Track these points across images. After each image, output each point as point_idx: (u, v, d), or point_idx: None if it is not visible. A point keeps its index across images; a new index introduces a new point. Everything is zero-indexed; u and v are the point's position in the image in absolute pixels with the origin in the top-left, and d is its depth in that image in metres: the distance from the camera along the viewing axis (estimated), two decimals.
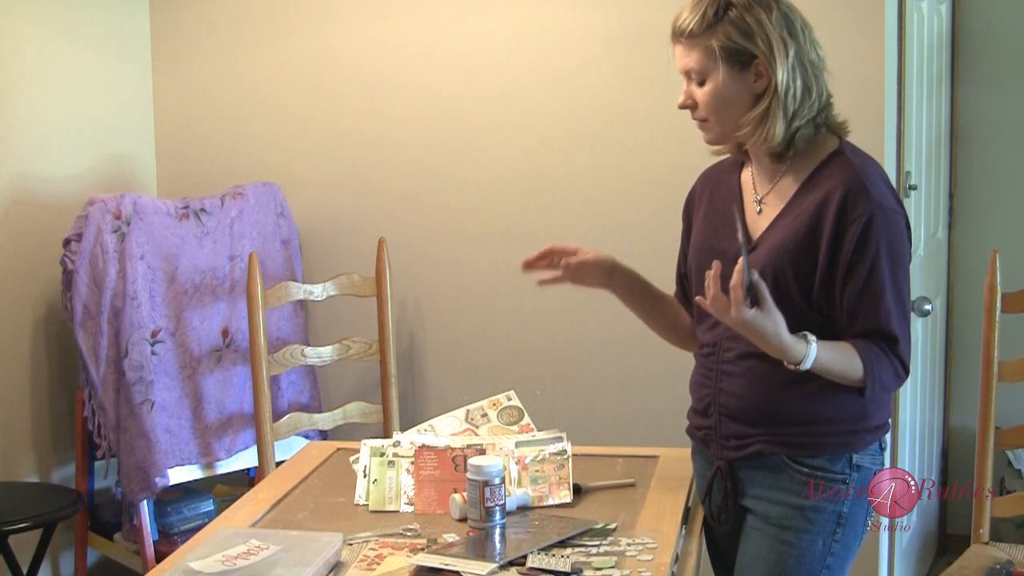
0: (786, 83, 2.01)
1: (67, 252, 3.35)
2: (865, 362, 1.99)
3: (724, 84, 2.03)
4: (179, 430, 3.40)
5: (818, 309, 2.03)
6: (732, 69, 2.02)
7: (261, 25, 3.77)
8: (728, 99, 2.04)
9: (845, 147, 2.09)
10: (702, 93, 2.05)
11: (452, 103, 3.60)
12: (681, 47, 2.06)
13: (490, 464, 2.12)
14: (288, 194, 3.73)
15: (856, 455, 2.09)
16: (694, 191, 2.30)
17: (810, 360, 1.95)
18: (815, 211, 2.02)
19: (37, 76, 3.51)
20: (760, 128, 2.04)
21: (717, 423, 2.16)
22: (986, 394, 2.89)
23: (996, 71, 4.03)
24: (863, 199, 1.99)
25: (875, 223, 1.98)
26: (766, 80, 2.02)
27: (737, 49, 2.01)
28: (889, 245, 2.00)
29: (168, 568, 1.97)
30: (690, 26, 2.03)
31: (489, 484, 2.10)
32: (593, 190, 3.50)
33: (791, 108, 2.02)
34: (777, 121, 2.03)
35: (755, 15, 2.01)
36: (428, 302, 3.71)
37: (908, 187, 3.34)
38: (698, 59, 2.04)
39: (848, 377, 2.01)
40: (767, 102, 2.02)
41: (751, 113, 2.04)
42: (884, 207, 2.00)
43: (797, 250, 2.02)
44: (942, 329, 4.05)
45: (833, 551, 2.09)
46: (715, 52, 2.01)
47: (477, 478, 2.11)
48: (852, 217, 1.99)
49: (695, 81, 2.06)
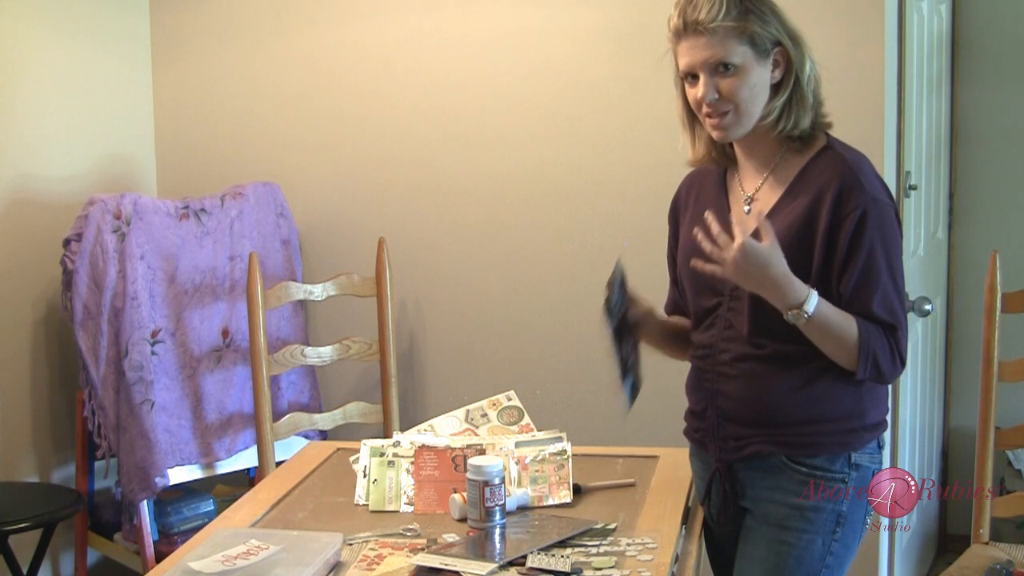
0: (808, 71, 2.05)
1: (67, 252, 3.35)
2: (862, 330, 1.99)
3: (754, 72, 2.03)
4: (179, 430, 3.40)
5: None
6: (758, 57, 2.03)
7: (261, 25, 3.77)
8: (758, 88, 2.04)
9: (834, 142, 2.11)
10: (730, 83, 2.03)
11: (452, 103, 3.60)
12: (700, 39, 2.03)
13: (490, 464, 2.12)
14: (288, 194, 3.73)
15: (855, 454, 2.09)
16: (679, 194, 2.31)
17: (812, 303, 1.95)
18: (809, 206, 2.03)
19: (37, 76, 3.51)
20: (787, 116, 2.06)
21: (715, 425, 2.16)
22: (986, 394, 2.88)
23: (996, 71, 4.03)
24: (858, 192, 2.00)
25: (869, 215, 1.99)
26: (783, 69, 2.05)
27: (764, 36, 2.02)
28: (884, 237, 2.01)
29: (168, 568, 1.97)
30: (717, 16, 2.00)
31: (489, 484, 2.10)
32: (593, 190, 3.50)
33: (810, 95, 2.06)
34: (804, 107, 2.06)
35: (770, 6, 2.05)
36: (428, 302, 3.71)
37: (908, 187, 3.33)
38: (729, 48, 2.01)
39: (844, 341, 1.99)
40: (788, 90, 2.05)
41: (775, 102, 2.05)
42: (878, 200, 2.02)
43: (792, 245, 2.02)
44: (942, 329, 4.05)
45: (832, 550, 2.09)
46: (747, 39, 2.01)
47: (477, 478, 2.11)
48: (847, 210, 2.00)
49: (719, 72, 2.03)
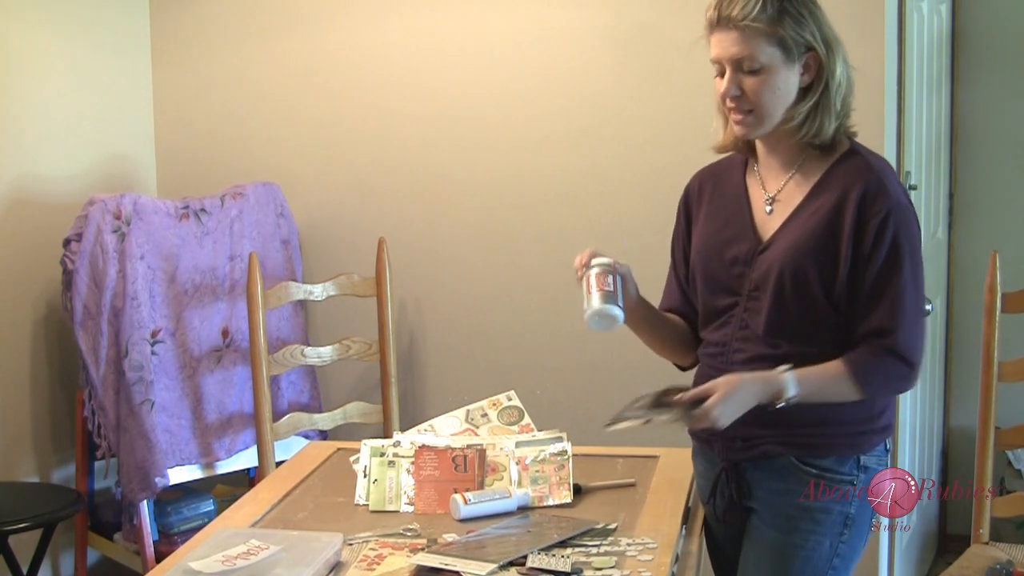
0: (839, 77, 2.03)
1: (67, 252, 3.35)
2: (849, 369, 2.00)
3: (780, 75, 2.01)
4: (179, 430, 3.40)
5: (836, 306, 2.04)
6: (787, 60, 2.01)
7: (261, 25, 3.77)
8: (782, 91, 2.02)
9: (858, 147, 2.10)
10: (755, 82, 2.02)
11: (452, 103, 3.60)
12: (729, 34, 2.01)
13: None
14: (288, 194, 3.72)
15: (864, 456, 2.09)
16: (692, 187, 2.28)
17: (791, 388, 1.98)
18: (833, 208, 2.03)
19: (37, 76, 3.51)
20: (811, 122, 2.04)
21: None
22: (986, 394, 2.88)
23: (996, 71, 4.02)
24: (882, 196, 2.00)
25: (892, 219, 1.99)
26: (813, 73, 2.03)
27: (797, 40, 2.00)
28: (909, 241, 2.01)
29: (168, 568, 1.97)
30: (750, 13, 1.98)
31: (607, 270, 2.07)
32: (593, 190, 3.50)
33: (838, 102, 2.04)
34: (829, 114, 2.04)
35: (809, 8, 2.02)
36: (428, 302, 3.71)
37: (908, 187, 3.34)
38: (756, 47, 1.99)
39: (839, 385, 2.02)
40: (816, 96, 2.03)
41: (800, 106, 2.04)
42: (901, 205, 2.02)
43: (818, 248, 2.02)
44: (942, 329, 4.05)
45: (839, 552, 2.09)
46: (777, 41, 1.99)
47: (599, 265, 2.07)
48: (872, 213, 2.00)
49: (744, 70, 2.02)
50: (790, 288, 2.03)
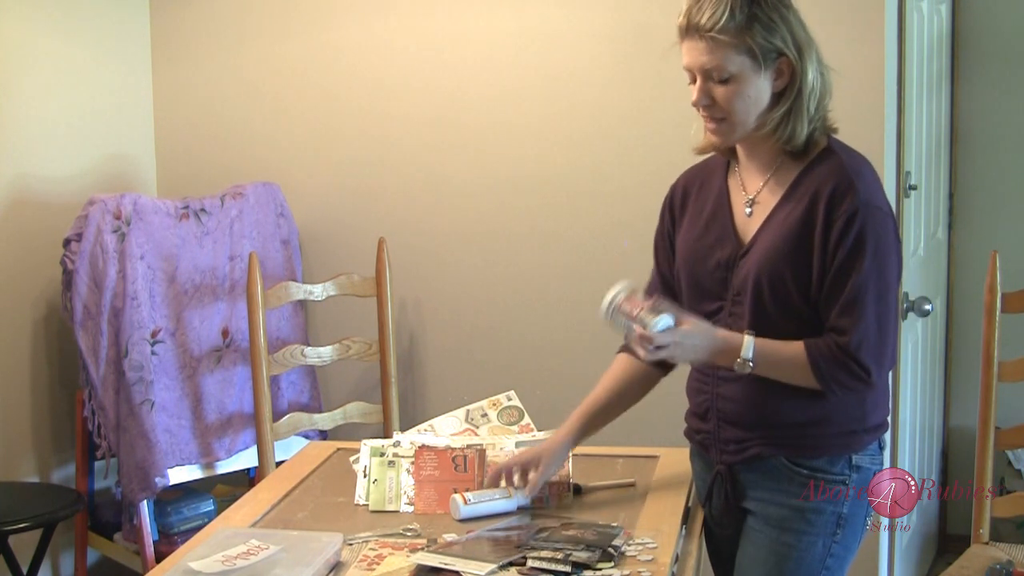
0: (812, 82, 2.00)
1: (67, 252, 3.35)
2: (812, 367, 1.99)
3: (751, 83, 1.98)
4: (179, 430, 3.40)
5: (815, 307, 2.03)
6: (758, 68, 1.98)
7: (261, 25, 3.77)
8: (753, 98, 2.00)
9: (835, 145, 2.07)
10: (725, 91, 1.99)
11: (452, 103, 3.60)
12: (698, 43, 1.98)
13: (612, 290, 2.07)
14: (288, 194, 3.73)
15: (856, 456, 2.09)
16: (676, 188, 2.26)
17: (749, 349, 1.99)
18: (805, 210, 2.01)
19: (37, 76, 3.51)
20: (783, 127, 2.02)
21: (716, 427, 2.16)
22: (986, 394, 2.88)
23: (996, 71, 4.02)
24: (850, 195, 1.97)
25: (859, 216, 1.96)
26: (786, 79, 2.00)
27: (767, 48, 1.97)
28: (875, 239, 1.97)
29: (168, 568, 1.97)
30: (717, 23, 1.95)
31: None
32: (593, 190, 3.49)
33: (812, 107, 2.02)
34: (801, 120, 2.01)
35: (780, 12, 1.98)
36: (428, 302, 3.71)
37: (908, 187, 3.33)
38: (724, 57, 1.96)
39: (796, 367, 2.01)
40: (789, 101, 2.00)
41: (773, 112, 2.01)
42: (871, 205, 1.98)
43: (791, 250, 2.01)
44: (942, 329, 4.05)
45: (833, 552, 2.09)
46: (745, 50, 1.96)
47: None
48: (839, 212, 1.97)
49: (714, 79, 1.99)
50: (768, 292, 2.02)
